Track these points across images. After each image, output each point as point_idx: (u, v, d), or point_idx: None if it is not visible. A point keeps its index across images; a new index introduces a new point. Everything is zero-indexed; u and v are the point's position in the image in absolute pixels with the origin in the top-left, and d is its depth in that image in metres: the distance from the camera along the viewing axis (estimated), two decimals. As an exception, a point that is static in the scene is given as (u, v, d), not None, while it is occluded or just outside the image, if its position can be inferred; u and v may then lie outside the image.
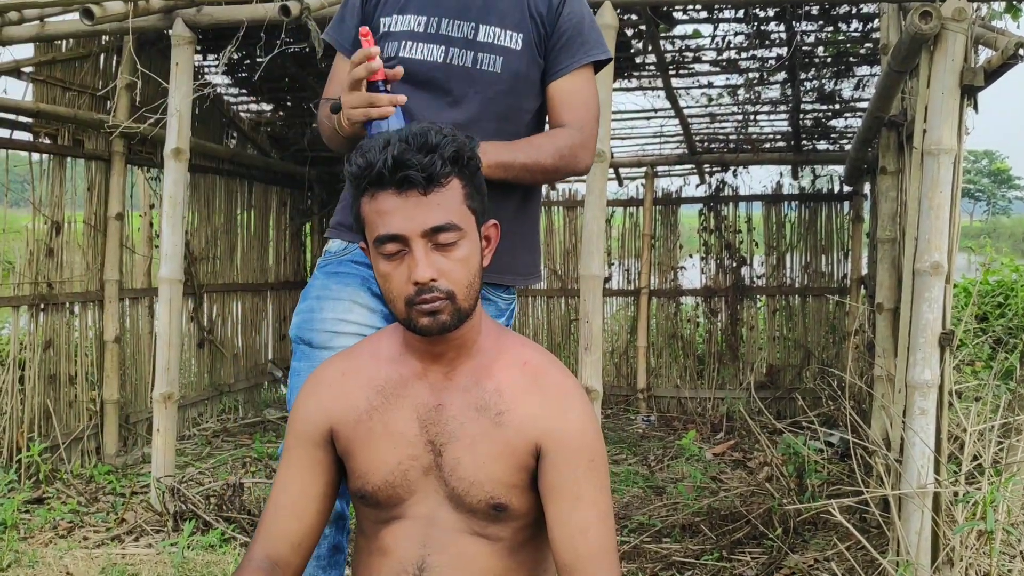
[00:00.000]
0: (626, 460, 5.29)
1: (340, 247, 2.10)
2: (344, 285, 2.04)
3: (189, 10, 4.00)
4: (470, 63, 2.03)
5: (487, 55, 2.03)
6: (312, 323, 2.03)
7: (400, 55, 2.02)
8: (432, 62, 2.02)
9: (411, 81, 1.97)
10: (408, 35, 2.03)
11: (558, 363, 1.59)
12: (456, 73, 2.02)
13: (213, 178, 6.22)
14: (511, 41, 2.04)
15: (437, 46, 2.03)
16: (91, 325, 5.01)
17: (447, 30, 2.03)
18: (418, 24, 2.04)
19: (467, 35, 2.03)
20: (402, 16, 2.06)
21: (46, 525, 3.86)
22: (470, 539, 1.54)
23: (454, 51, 2.02)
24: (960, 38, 2.87)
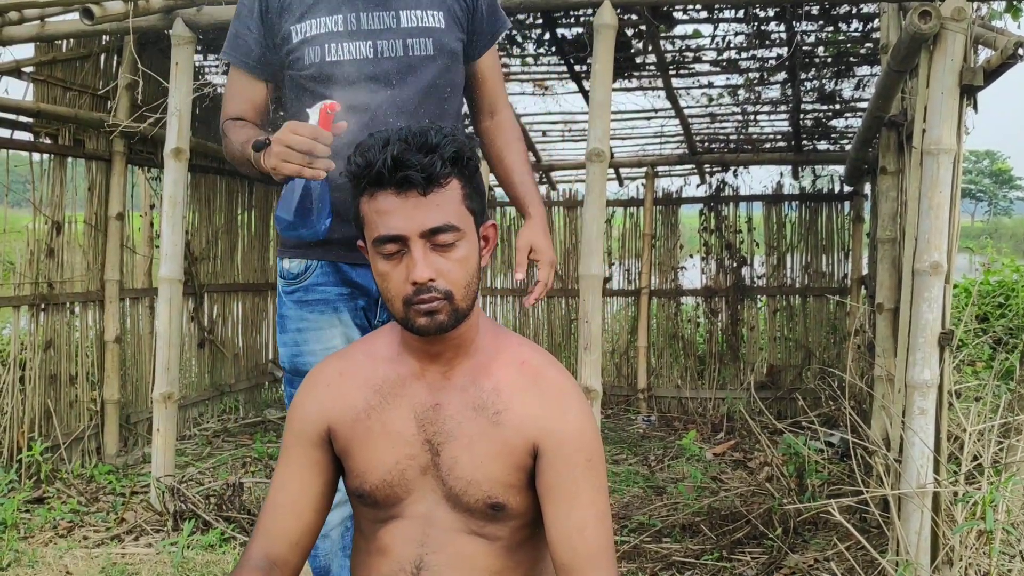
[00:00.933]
0: (626, 460, 5.29)
1: (300, 268, 2.10)
2: (320, 314, 2.08)
3: (189, 10, 4.01)
4: (401, 51, 2.02)
5: (416, 39, 2.02)
6: (303, 355, 2.07)
7: (326, 59, 2.00)
8: (362, 59, 2.00)
9: (344, 81, 1.99)
10: (329, 36, 2.01)
11: (556, 362, 1.59)
12: (389, 64, 2.01)
13: (214, 178, 6.22)
14: (434, 20, 2.05)
15: (363, 42, 2.01)
16: (92, 325, 5.01)
17: (369, 23, 2.01)
18: (336, 23, 2.01)
19: (390, 24, 2.02)
20: (315, 20, 2.02)
21: (46, 525, 3.86)
22: (468, 538, 1.54)
23: (382, 44, 2.01)
24: (959, 38, 2.87)
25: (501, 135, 2.26)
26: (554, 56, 5.97)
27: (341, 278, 2.08)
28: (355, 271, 2.07)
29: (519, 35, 5.75)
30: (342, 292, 2.08)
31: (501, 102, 2.27)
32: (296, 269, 2.10)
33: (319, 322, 2.07)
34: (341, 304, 2.08)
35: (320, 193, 1.83)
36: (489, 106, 2.26)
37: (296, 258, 2.10)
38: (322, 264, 2.08)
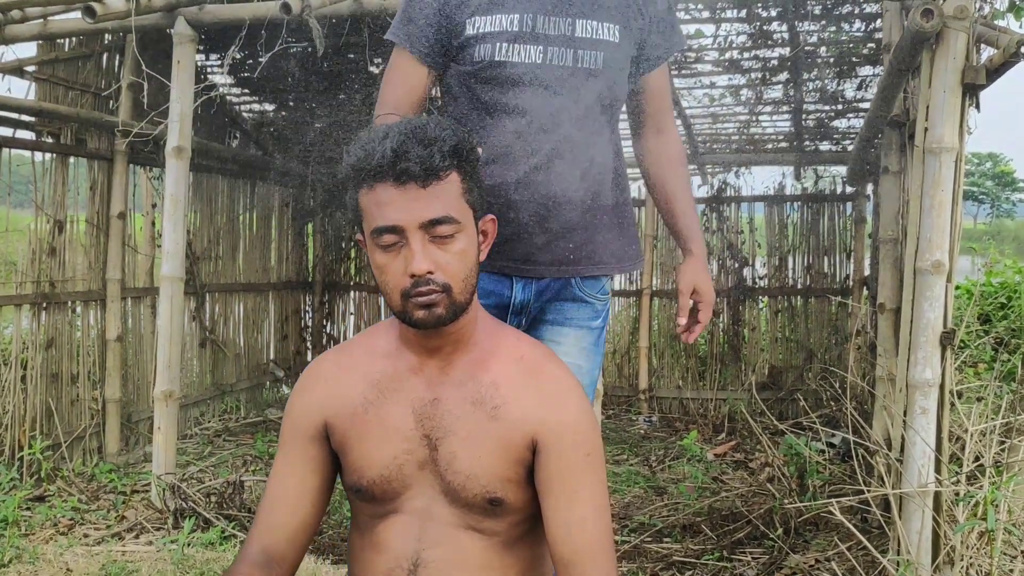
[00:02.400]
0: (627, 460, 5.28)
1: None
2: None
3: (191, 8, 4.01)
4: (571, 61, 1.93)
5: (587, 51, 1.93)
6: None
7: (495, 57, 1.91)
8: (530, 63, 1.91)
9: (509, 82, 1.91)
10: (502, 35, 1.91)
11: (555, 357, 1.59)
12: (556, 74, 1.92)
13: (216, 177, 6.23)
14: (609, 33, 1.95)
15: (535, 46, 1.92)
16: (93, 324, 5.01)
17: (544, 28, 1.92)
18: (511, 23, 1.92)
19: (564, 32, 1.93)
20: (491, 16, 1.93)
21: (47, 522, 3.86)
22: (465, 533, 1.53)
23: (553, 51, 1.92)
24: (962, 36, 2.86)
25: (665, 156, 2.13)
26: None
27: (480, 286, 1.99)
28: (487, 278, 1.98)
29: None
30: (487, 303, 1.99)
31: (668, 121, 2.15)
32: None
33: None
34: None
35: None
36: (655, 124, 2.14)
37: None
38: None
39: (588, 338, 2.04)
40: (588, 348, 2.04)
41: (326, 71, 5.79)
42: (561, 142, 1.91)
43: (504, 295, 1.99)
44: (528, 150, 1.90)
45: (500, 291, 1.99)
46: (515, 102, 1.91)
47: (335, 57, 5.48)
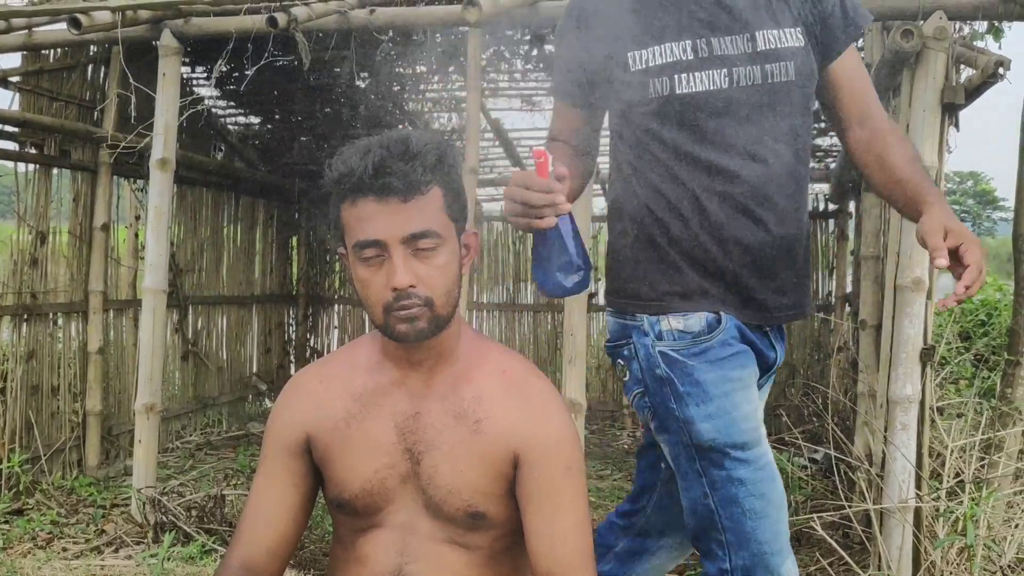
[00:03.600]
0: (611, 475, 5.28)
1: (701, 324, 1.77)
2: (742, 368, 1.77)
3: (177, 21, 4.01)
4: (759, 78, 1.76)
5: (775, 64, 1.77)
6: (735, 423, 1.73)
7: (676, 91, 1.75)
8: (716, 90, 1.75)
9: (696, 117, 1.75)
10: (677, 66, 1.76)
11: (537, 371, 1.59)
12: (746, 95, 1.76)
13: (200, 190, 6.21)
14: (793, 39, 1.79)
15: (717, 71, 1.76)
16: (75, 336, 4.98)
17: (722, 49, 1.76)
18: (684, 51, 1.76)
19: (746, 48, 1.76)
20: (659, 46, 1.77)
21: (25, 536, 3.82)
22: (448, 548, 1.53)
23: (738, 71, 1.76)
24: (941, 56, 2.91)
25: (879, 142, 1.86)
26: (542, 72, 5.99)
27: (743, 336, 1.81)
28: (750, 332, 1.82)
29: (507, 51, 5.77)
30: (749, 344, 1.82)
31: (873, 106, 1.90)
32: (696, 326, 1.77)
33: (745, 379, 1.77)
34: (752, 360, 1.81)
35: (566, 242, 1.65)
36: (858, 114, 1.89)
37: (690, 312, 1.78)
38: (728, 319, 1.79)
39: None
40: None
41: (312, 85, 5.80)
42: (769, 166, 1.76)
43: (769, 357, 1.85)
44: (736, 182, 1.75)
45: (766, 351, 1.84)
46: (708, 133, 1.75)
47: (321, 71, 5.49)
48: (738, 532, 1.73)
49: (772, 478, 1.74)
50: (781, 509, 1.75)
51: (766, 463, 1.75)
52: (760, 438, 1.75)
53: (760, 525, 1.72)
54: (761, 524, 1.73)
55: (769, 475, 1.74)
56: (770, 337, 1.85)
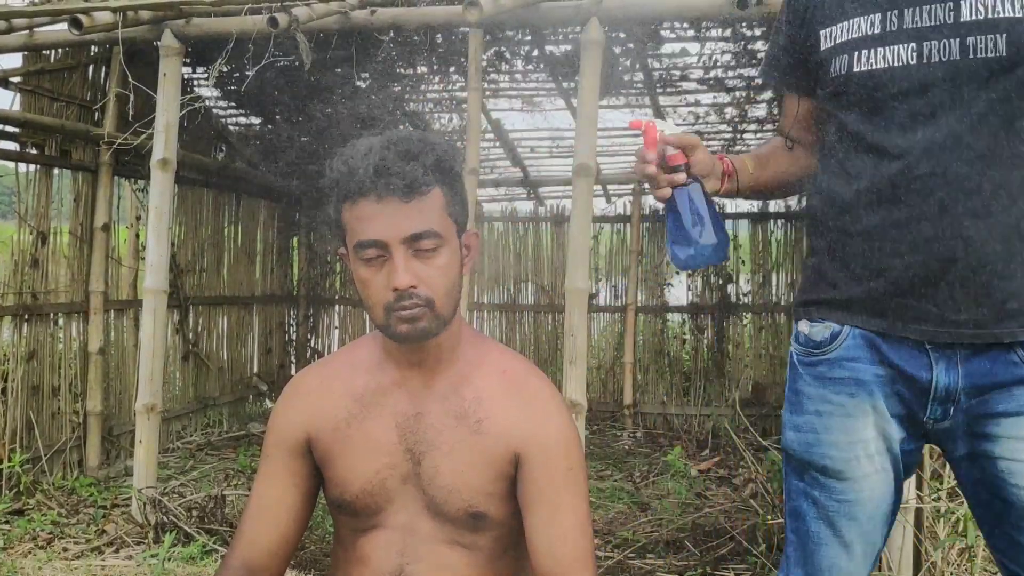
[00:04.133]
0: (611, 476, 5.28)
1: (824, 336, 1.64)
2: (849, 397, 1.61)
3: (178, 21, 4.02)
4: (957, 53, 1.51)
5: (981, 37, 1.50)
6: (822, 446, 1.63)
7: (853, 69, 1.59)
8: (899, 67, 1.55)
9: (872, 99, 1.57)
10: (860, 41, 1.59)
11: (537, 371, 1.59)
12: (937, 73, 1.52)
13: (201, 190, 6.22)
14: (1013, 8, 1.48)
15: (904, 45, 1.55)
16: (75, 336, 4.98)
17: (915, 20, 1.55)
18: (871, 25, 1.58)
19: (944, 19, 1.53)
20: (846, 21, 1.61)
21: (26, 536, 3.82)
22: (448, 548, 1.53)
23: (930, 45, 1.53)
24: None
25: None
26: (542, 72, 6.00)
27: (878, 356, 1.59)
28: (893, 349, 1.58)
29: (507, 51, 5.77)
30: (879, 373, 1.59)
31: None
32: (819, 336, 1.64)
33: (847, 407, 1.61)
34: (877, 388, 1.59)
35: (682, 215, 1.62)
36: None
37: (818, 321, 1.65)
38: (854, 333, 1.61)
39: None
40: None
41: (313, 85, 5.80)
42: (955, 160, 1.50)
43: (922, 378, 1.56)
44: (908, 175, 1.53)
45: (915, 372, 1.57)
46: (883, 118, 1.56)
47: (322, 71, 5.49)
48: (802, 549, 1.68)
49: (850, 516, 1.62)
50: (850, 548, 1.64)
51: (849, 499, 1.62)
52: (850, 472, 1.61)
53: (822, 552, 1.65)
54: (824, 552, 1.65)
55: (847, 512, 1.62)
56: (931, 356, 1.55)
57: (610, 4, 3.64)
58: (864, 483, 1.61)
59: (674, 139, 1.62)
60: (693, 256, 1.62)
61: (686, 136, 1.63)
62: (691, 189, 1.62)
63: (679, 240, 1.63)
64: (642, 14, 3.76)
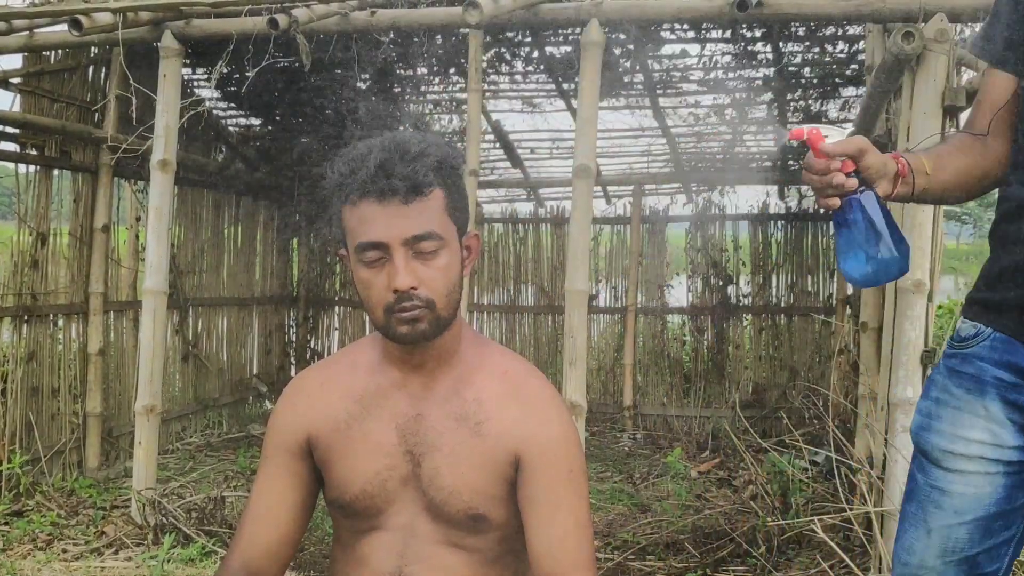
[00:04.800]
0: (611, 478, 5.28)
1: (970, 331, 1.63)
2: (966, 391, 1.61)
3: (178, 22, 4.01)
4: None
5: None
6: (930, 431, 1.65)
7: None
8: None
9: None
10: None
11: (538, 373, 1.59)
12: None
13: (201, 191, 6.21)
14: None
15: None
16: (75, 337, 4.98)
17: None
18: None
19: None
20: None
21: (25, 537, 3.82)
22: (448, 550, 1.53)
23: None
24: (942, 59, 2.90)
25: None
26: (542, 74, 6.00)
27: (1008, 360, 1.57)
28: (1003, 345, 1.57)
29: (507, 52, 5.77)
30: (1000, 377, 1.57)
31: None
32: (966, 331, 1.64)
33: (961, 401, 1.61)
34: (993, 390, 1.58)
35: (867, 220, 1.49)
36: None
37: (970, 319, 1.64)
38: (995, 335, 1.58)
39: None
40: None
41: (313, 86, 5.80)
42: None
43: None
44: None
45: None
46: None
47: (322, 73, 5.49)
48: (900, 524, 1.70)
49: (937, 504, 1.63)
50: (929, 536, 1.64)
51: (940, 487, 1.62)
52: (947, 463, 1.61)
53: (908, 532, 1.67)
54: (910, 532, 1.67)
55: (935, 500, 1.63)
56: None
57: (610, 6, 3.64)
58: (959, 478, 1.60)
59: (840, 148, 1.45)
60: (873, 273, 1.51)
61: (852, 140, 1.47)
62: (863, 198, 1.48)
63: (853, 255, 1.51)
64: (642, 16, 3.76)
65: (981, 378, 1.59)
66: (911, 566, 1.67)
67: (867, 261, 1.49)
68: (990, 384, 1.58)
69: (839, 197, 1.45)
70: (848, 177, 1.45)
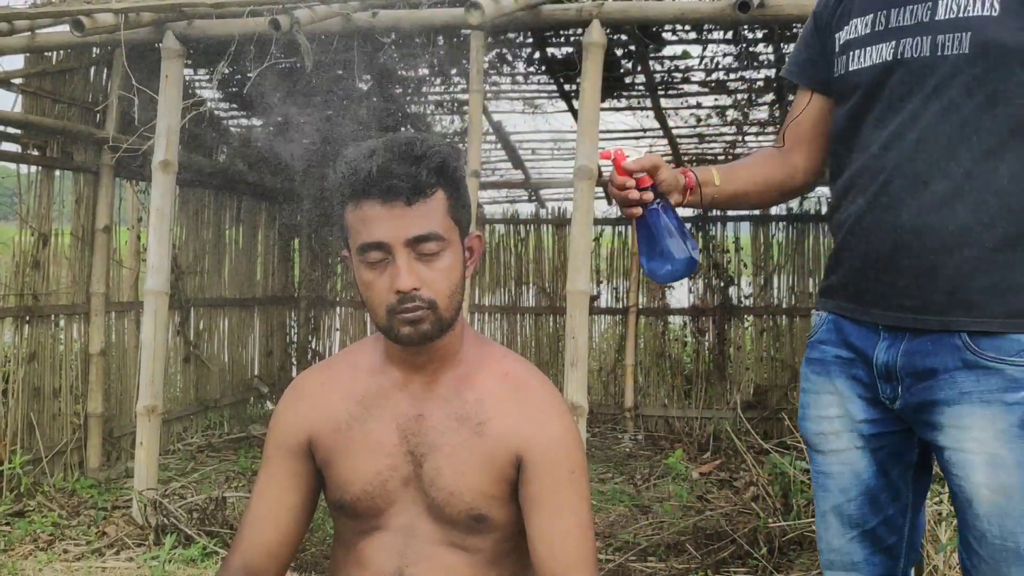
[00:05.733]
0: (612, 479, 5.28)
1: (816, 321, 1.77)
2: (817, 375, 1.74)
3: (179, 23, 4.02)
4: (927, 50, 1.56)
5: (949, 35, 1.54)
6: (805, 420, 1.78)
7: (848, 68, 1.67)
8: (874, 66, 1.62)
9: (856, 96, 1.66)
10: (856, 42, 1.67)
11: (539, 374, 1.59)
12: (908, 69, 1.58)
13: (202, 192, 6.22)
14: (981, 7, 1.53)
15: (886, 44, 1.61)
16: (76, 338, 4.98)
17: (898, 19, 1.61)
18: (864, 26, 1.66)
19: (922, 18, 1.58)
20: (849, 23, 1.69)
21: (26, 537, 3.82)
22: (449, 551, 1.53)
23: (907, 43, 1.58)
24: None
25: None
26: (544, 75, 6.00)
27: (842, 338, 1.70)
28: (855, 332, 1.68)
29: (509, 54, 5.77)
30: (840, 355, 1.70)
31: None
32: (814, 321, 1.79)
33: (817, 385, 1.75)
34: (835, 368, 1.71)
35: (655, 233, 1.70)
36: None
37: (817, 310, 1.79)
38: (829, 318, 1.73)
39: (1006, 419, 1.51)
40: (1008, 432, 1.50)
41: (314, 87, 5.80)
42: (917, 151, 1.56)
43: (870, 356, 1.65)
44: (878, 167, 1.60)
45: (869, 352, 1.65)
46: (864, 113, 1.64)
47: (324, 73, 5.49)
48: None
49: (824, 487, 1.75)
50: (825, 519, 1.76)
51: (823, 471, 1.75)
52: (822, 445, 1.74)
53: (817, 519, 1.79)
54: (817, 522, 1.79)
55: (822, 484, 1.76)
56: (880, 336, 1.64)
57: (611, 7, 3.64)
58: (834, 457, 1.72)
59: (637, 165, 1.68)
60: (671, 271, 1.70)
61: (648, 158, 1.69)
62: (660, 208, 1.70)
63: (654, 256, 1.71)
64: (643, 17, 3.76)
65: (825, 360, 1.73)
66: (825, 552, 1.77)
67: (665, 261, 1.70)
68: (833, 364, 1.71)
69: (641, 207, 1.67)
70: (645, 191, 1.67)
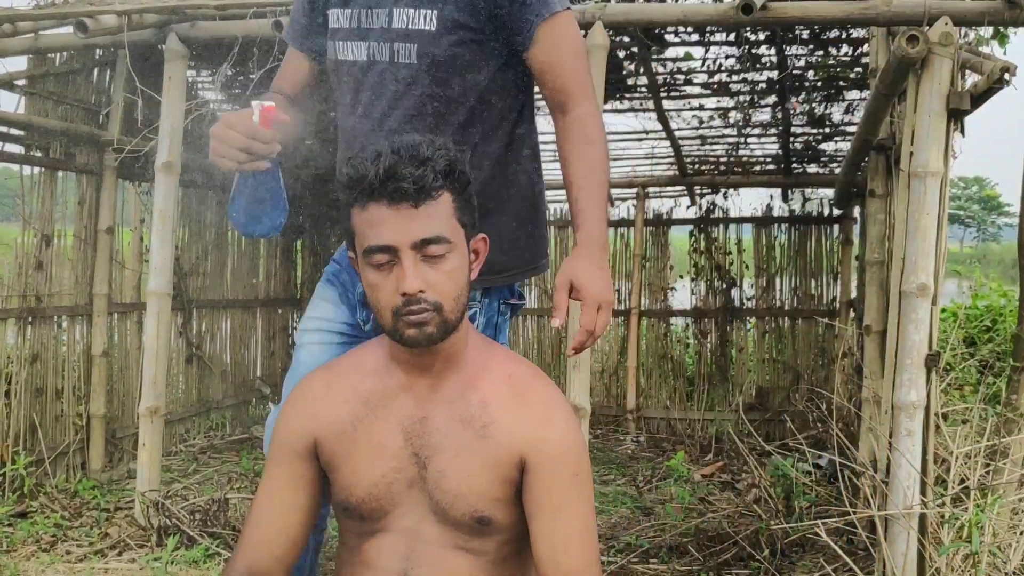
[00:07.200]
0: (614, 481, 5.28)
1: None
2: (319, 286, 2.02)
3: (183, 25, 4.02)
4: (388, 57, 1.77)
5: (402, 44, 1.75)
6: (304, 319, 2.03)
7: (338, 56, 1.86)
8: (361, 62, 1.82)
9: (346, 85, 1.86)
10: (341, 33, 1.84)
11: (543, 376, 1.59)
12: (378, 72, 1.79)
13: (205, 193, 6.22)
14: (425, 22, 1.73)
15: (362, 43, 1.80)
16: (79, 339, 4.98)
17: (367, 22, 1.80)
18: (347, 19, 1.84)
19: (383, 24, 1.77)
20: (338, 11, 1.86)
21: (29, 539, 3.82)
22: (453, 553, 1.53)
23: (374, 46, 1.79)
24: (946, 62, 2.90)
25: (568, 138, 1.85)
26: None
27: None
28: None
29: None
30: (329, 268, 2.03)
31: (571, 99, 1.84)
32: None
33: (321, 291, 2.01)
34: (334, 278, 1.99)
35: (271, 187, 1.78)
36: (556, 104, 1.86)
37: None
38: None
39: None
40: None
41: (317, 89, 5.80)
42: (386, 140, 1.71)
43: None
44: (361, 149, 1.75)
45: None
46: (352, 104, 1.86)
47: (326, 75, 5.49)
48: None
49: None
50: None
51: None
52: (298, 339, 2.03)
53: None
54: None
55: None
56: None
57: (614, 9, 3.64)
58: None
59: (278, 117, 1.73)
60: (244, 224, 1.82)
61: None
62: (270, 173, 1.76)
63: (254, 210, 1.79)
64: (646, 19, 3.76)
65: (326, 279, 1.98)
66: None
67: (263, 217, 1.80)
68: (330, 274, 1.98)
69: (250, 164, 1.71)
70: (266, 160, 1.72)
